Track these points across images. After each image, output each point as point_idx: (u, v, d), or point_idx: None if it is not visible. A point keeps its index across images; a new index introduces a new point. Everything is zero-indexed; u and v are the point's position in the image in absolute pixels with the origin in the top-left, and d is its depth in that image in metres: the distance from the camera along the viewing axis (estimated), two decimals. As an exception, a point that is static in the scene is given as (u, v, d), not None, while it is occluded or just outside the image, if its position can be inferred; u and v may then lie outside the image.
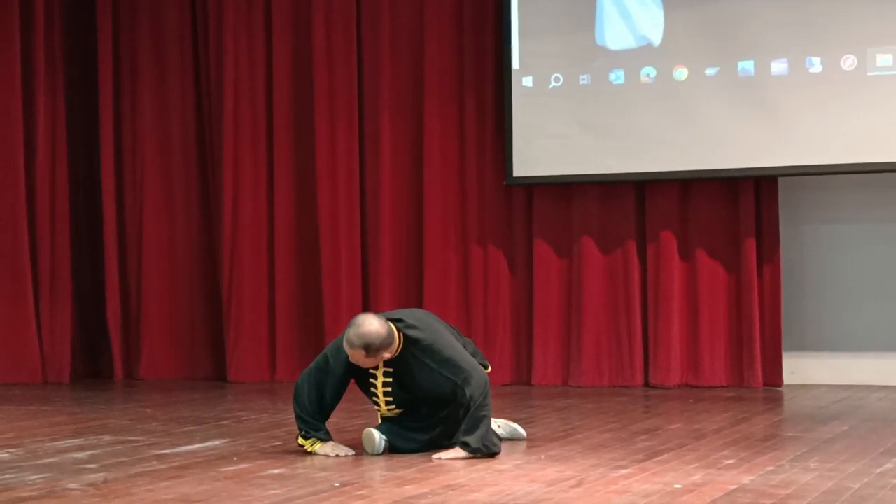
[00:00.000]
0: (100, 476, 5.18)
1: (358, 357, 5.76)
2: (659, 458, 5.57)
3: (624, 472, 5.22)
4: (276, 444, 6.22)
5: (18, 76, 10.02)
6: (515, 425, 6.39)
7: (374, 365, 5.84)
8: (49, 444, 6.21)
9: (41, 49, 10.10)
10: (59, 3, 10.32)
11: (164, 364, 10.29)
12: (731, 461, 5.47)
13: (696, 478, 5.04)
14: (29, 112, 10.09)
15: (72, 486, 4.95)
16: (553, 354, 9.48)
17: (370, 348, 5.73)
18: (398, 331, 5.81)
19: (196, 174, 10.42)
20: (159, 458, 5.75)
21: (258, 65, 10.15)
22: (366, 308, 9.85)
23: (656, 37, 9.20)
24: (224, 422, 7.11)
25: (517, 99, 9.46)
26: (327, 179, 9.90)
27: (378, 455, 5.81)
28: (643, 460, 5.53)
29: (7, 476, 5.18)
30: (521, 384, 9.49)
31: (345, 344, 5.75)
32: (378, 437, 5.89)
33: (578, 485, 4.91)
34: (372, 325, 5.73)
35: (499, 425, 6.28)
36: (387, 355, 5.79)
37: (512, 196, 9.64)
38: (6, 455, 5.82)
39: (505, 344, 9.59)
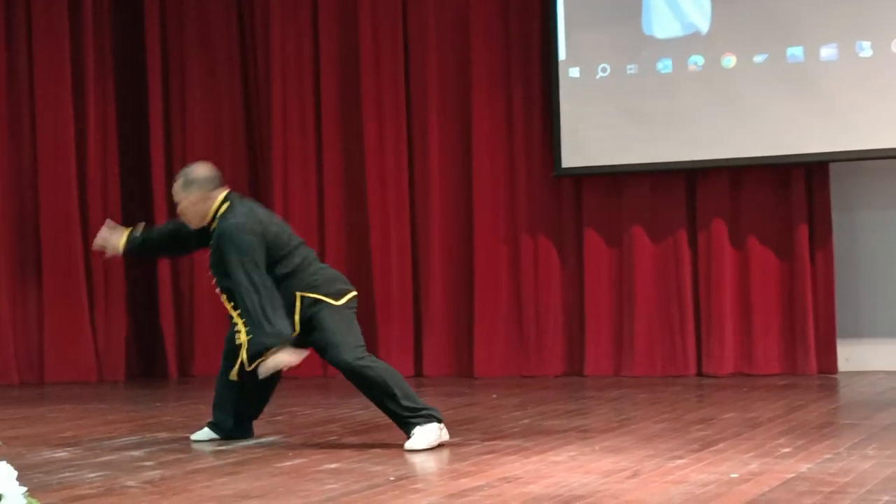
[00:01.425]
0: (157, 473, 5.22)
1: (175, 189, 5.99)
2: (714, 448, 5.55)
3: (680, 462, 5.20)
4: (331, 438, 6.24)
5: (69, 76, 10.12)
6: None
7: (185, 211, 5.98)
8: (106, 443, 6.26)
9: (90, 48, 10.20)
10: (107, 2, 10.40)
11: (217, 361, 10.27)
12: (787, 449, 5.44)
13: (753, 467, 5.01)
14: (80, 111, 10.19)
15: (130, 483, 4.99)
16: (605, 345, 9.46)
17: (186, 178, 5.97)
18: (227, 204, 5.96)
19: (246, 171, 10.46)
20: (215, 454, 5.78)
21: (305, 60, 10.18)
22: (417, 301, 9.88)
23: (704, 24, 9.15)
24: (278, 417, 7.14)
25: (564, 89, 9.44)
26: (376, 172, 9.92)
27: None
28: (698, 450, 5.50)
29: (66, 474, 5.23)
30: (573, 375, 9.48)
31: None
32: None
33: (634, 475, 4.90)
34: (203, 165, 6.06)
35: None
36: (196, 194, 5.92)
37: (561, 187, 9.62)
38: (65, 454, 5.88)
39: (556, 335, 9.58)
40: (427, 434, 5.71)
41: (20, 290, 10.08)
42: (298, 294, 5.87)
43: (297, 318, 5.85)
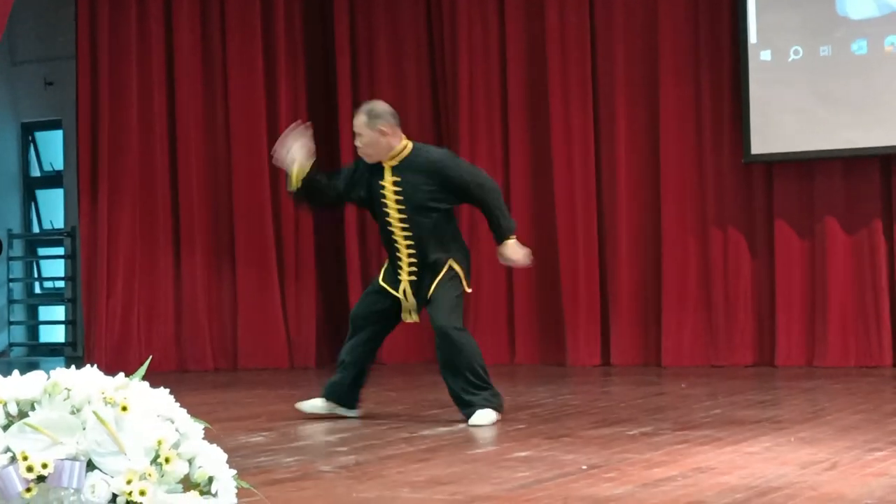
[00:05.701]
0: (351, 459, 5.28)
1: (359, 124, 6.12)
2: (916, 441, 5.39)
3: (879, 454, 5.06)
4: (521, 426, 6.24)
5: (261, 67, 10.35)
6: None
7: (372, 143, 6.14)
8: (300, 428, 6.37)
9: (282, 39, 10.43)
10: (298, -3, 10.61)
11: (407, 350, 10.42)
12: None
13: (958, 460, 4.85)
14: (272, 102, 10.42)
15: (325, 468, 5.06)
16: (797, 335, 9.27)
17: (371, 113, 6.13)
18: (412, 144, 6.26)
19: (433, 160, 10.52)
20: (407, 440, 5.83)
21: (492, 50, 10.21)
22: (604, 290, 9.83)
23: (901, 4, 8.88)
24: (467, 405, 7.15)
25: (755, 73, 9.27)
26: (563, 161, 9.89)
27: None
28: (899, 442, 5.35)
29: (262, 458, 5.34)
30: (763, 365, 9.32)
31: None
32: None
33: (832, 467, 4.78)
34: (383, 102, 6.29)
35: None
36: (384, 129, 6.11)
37: (751, 174, 9.45)
38: (261, 438, 6.00)
39: (746, 325, 9.43)
40: (488, 415, 6.21)
41: (215, 278, 10.34)
42: (450, 262, 6.25)
43: (437, 280, 6.24)
